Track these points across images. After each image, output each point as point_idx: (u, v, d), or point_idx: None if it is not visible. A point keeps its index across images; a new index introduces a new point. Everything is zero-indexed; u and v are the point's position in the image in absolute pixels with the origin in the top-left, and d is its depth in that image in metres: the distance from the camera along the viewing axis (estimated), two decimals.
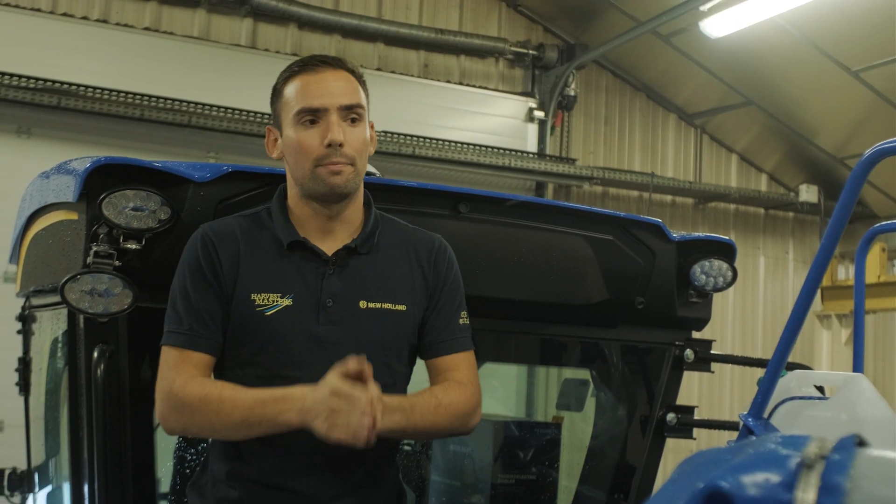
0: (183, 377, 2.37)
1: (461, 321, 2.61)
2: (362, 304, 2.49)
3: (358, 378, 2.26)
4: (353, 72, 2.57)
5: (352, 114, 2.50)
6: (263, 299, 2.45)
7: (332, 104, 2.46)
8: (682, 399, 3.82)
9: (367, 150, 2.56)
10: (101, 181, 2.73)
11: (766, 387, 2.45)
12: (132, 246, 2.73)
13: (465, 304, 2.66)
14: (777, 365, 2.38)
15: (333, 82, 2.50)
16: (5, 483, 4.17)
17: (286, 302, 2.44)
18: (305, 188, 2.51)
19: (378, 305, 2.49)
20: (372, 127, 2.63)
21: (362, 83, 2.59)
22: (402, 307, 2.53)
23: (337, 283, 2.48)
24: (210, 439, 2.64)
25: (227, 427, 2.35)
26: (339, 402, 2.22)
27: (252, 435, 2.36)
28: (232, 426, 2.34)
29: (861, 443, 0.95)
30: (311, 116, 2.47)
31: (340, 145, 2.44)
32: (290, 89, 2.52)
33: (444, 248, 2.66)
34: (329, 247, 2.52)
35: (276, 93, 2.57)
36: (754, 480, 0.92)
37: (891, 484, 0.89)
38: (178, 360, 2.41)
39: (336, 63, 2.55)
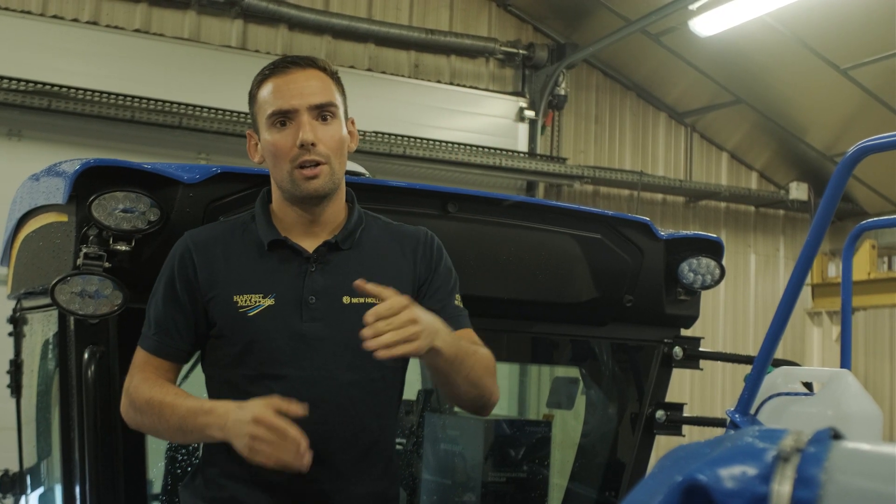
0: (139, 378, 2.46)
1: (457, 303, 2.61)
2: (345, 299, 2.48)
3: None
4: (324, 69, 2.57)
5: (324, 112, 2.50)
6: (245, 300, 2.46)
7: (302, 104, 2.47)
8: (675, 396, 3.83)
9: (344, 148, 2.55)
10: (90, 183, 2.74)
11: (752, 383, 2.46)
12: (122, 247, 2.74)
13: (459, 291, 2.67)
14: (763, 361, 2.40)
15: (303, 82, 2.50)
16: None
17: (268, 302, 2.45)
18: (285, 190, 2.52)
19: (361, 300, 2.46)
20: (353, 123, 2.63)
21: (336, 80, 2.58)
22: None
23: (319, 280, 2.49)
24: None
25: (167, 431, 2.44)
26: (261, 430, 2.22)
27: (189, 441, 2.45)
28: (170, 431, 2.42)
29: (836, 436, 0.97)
30: (283, 118, 2.48)
31: (313, 144, 2.44)
32: (263, 93, 2.53)
33: (430, 239, 2.66)
34: (311, 245, 2.53)
35: (252, 97, 2.58)
36: (731, 473, 0.94)
37: (865, 475, 0.90)
38: (143, 363, 2.50)
39: (306, 63, 2.54)
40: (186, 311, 2.50)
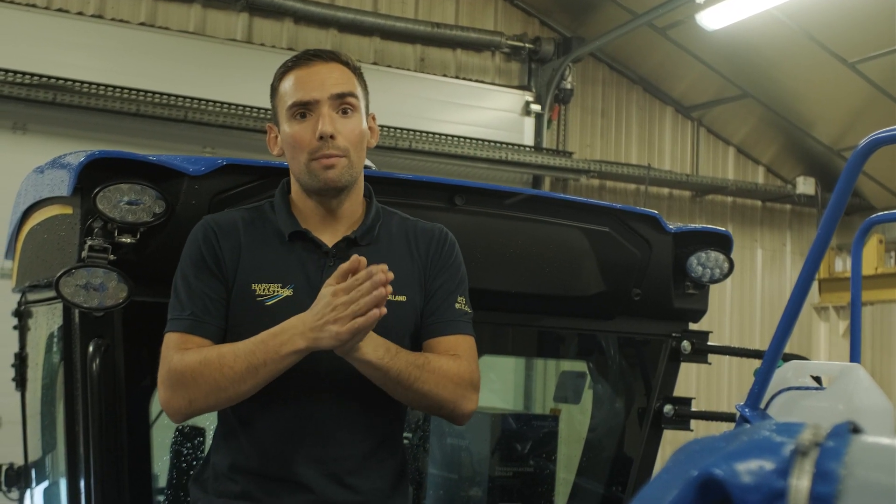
0: (178, 355, 2.36)
1: (458, 306, 2.57)
2: None
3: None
4: (347, 63, 2.57)
5: (344, 104, 2.50)
6: (264, 289, 2.44)
7: (323, 95, 2.47)
8: (681, 391, 3.82)
9: (364, 142, 2.55)
10: (95, 175, 2.72)
11: (762, 377, 2.44)
12: (127, 240, 2.72)
13: (468, 295, 2.64)
14: (773, 355, 2.38)
15: (326, 74, 2.50)
16: (2, 479, 4.17)
17: (287, 292, 2.44)
18: (303, 183, 2.52)
19: None
20: (373, 119, 2.63)
21: (358, 75, 2.59)
22: (401, 298, 2.50)
23: None
24: (209, 435, 2.63)
25: (233, 381, 2.31)
26: (343, 296, 2.23)
27: (259, 382, 2.31)
28: (237, 378, 2.31)
29: (856, 429, 0.95)
30: (303, 110, 2.48)
31: (332, 137, 2.44)
32: (285, 85, 2.53)
33: (443, 236, 2.65)
34: (330, 238, 2.52)
35: (273, 90, 2.59)
36: (748, 467, 0.92)
37: (885, 470, 0.88)
38: (178, 343, 2.39)
39: (329, 56, 2.55)
40: (220, 287, 2.45)
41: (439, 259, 2.60)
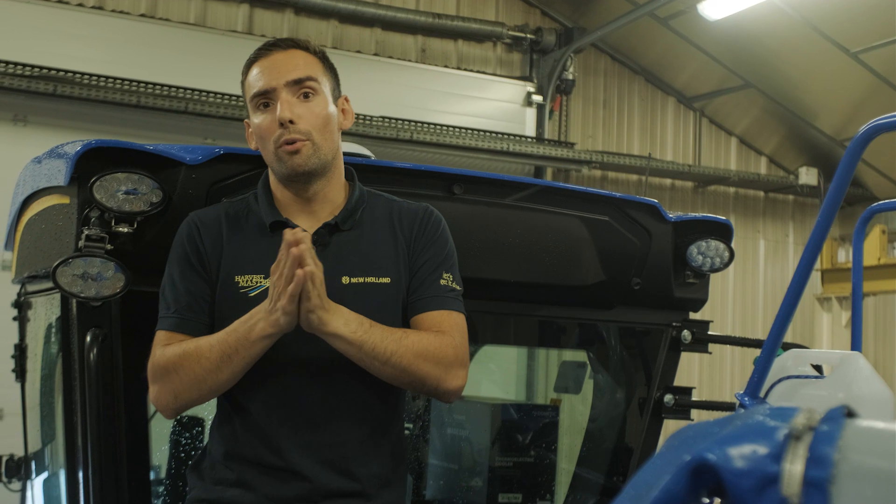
0: (161, 349, 2.40)
1: (444, 282, 2.55)
2: (345, 279, 2.46)
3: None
4: (307, 48, 2.58)
5: (303, 88, 2.50)
6: (247, 281, 2.45)
7: (279, 83, 2.48)
8: (683, 380, 3.81)
9: (330, 124, 2.53)
10: (92, 164, 2.71)
11: (761, 366, 2.43)
12: (124, 229, 2.72)
13: (458, 272, 2.61)
14: (773, 344, 2.36)
15: (283, 62, 2.52)
16: (2, 470, 4.18)
17: (269, 282, 2.43)
18: (275, 171, 2.54)
19: (361, 280, 2.46)
20: (346, 101, 2.64)
21: (320, 58, 2.59)
22: (385, 280, 2.50)
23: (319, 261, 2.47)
24: (207, 426, 2.63)
25: (211, 371, 2.34)
26: (276, 273, 2.26)
27: (235, 370, 2.33)
28: (213, 367, 2.33)
29: (850, 414, 0.94)
30: (265, 99, 2.50)
31: (291, 122, 2.44)
32: (249, 78, 2.57)
33: (427, 213, 2.63)
34: (311, 226, 2.51)
35: (241, 85, 2.62)
36: (741, 452, 0.91)
37: (879, 454, 0.87)
38: (164, 340, 2.43)
39: (287, 44, 2.57)
40: (203, 284, 2.47)
41: (423, 236, 2.58)
